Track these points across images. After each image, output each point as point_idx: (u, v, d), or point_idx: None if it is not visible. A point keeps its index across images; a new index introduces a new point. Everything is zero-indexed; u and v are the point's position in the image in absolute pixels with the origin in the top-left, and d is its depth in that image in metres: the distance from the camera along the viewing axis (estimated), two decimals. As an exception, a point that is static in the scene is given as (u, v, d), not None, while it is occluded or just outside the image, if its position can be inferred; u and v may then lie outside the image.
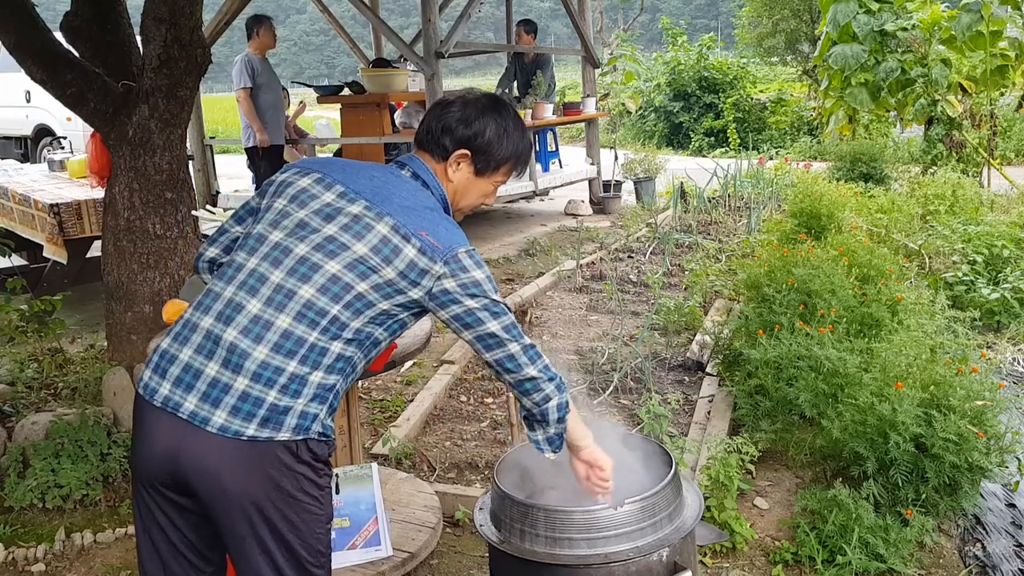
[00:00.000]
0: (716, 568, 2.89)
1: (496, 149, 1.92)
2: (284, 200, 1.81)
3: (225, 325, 1.69)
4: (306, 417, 1.67)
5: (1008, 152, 12.26)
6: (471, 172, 1.93)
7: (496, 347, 1.79)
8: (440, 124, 1.91)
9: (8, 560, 3.07)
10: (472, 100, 1.94)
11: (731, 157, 11.67)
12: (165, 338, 1.76)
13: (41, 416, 3.72)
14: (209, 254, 1.98)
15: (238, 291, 1.72)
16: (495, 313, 1.77)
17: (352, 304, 1.70)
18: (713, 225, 8.05)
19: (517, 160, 1.98)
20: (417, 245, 1.72)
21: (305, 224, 1.76)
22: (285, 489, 1.66)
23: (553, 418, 1.87)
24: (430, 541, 2.71)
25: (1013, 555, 2.90)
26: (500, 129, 1.92)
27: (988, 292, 5.07)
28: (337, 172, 1.84)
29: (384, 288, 1.72)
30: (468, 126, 1.90)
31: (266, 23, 7.42)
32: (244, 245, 1.80)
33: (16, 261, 6.26)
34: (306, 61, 64.88)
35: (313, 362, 1.68)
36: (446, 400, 4.32)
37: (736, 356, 4.02)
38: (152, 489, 1.73)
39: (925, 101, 9.60)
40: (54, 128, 11.65)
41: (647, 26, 34.19)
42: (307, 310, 1.68)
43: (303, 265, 1.71)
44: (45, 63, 3.90)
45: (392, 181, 1.85)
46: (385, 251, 1.71)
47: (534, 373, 1.81)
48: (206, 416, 1.64)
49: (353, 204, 1.77)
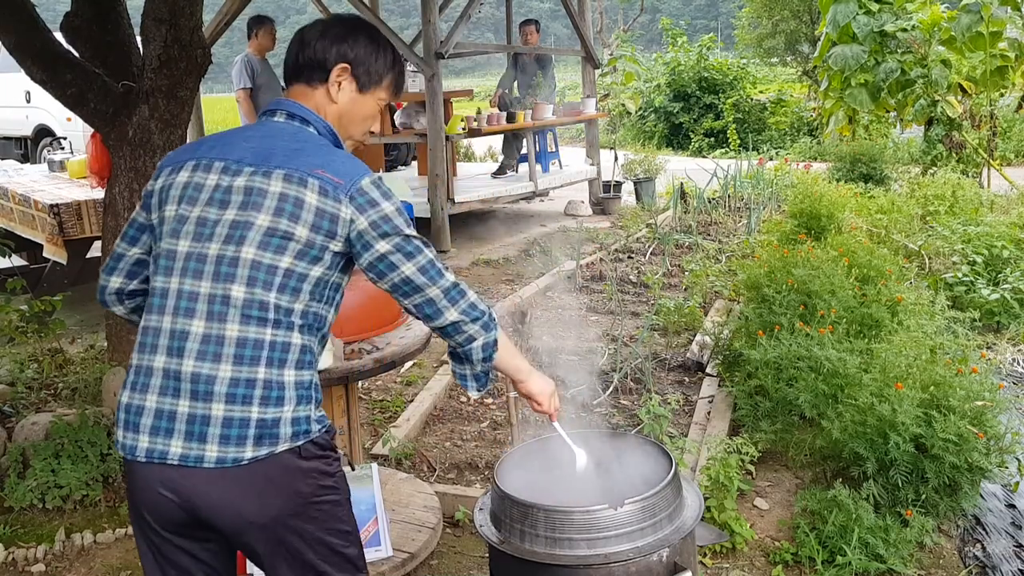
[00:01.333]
0: (716, 568, 2.89)
1: (375, 58, 1.81)
2: (173, 205, 1.67)
3: (179, 358, 1.58)
4: (298, 422, 1.60)
5: (1008, 153, 12.27)
6: (354, 89, 1.80)
7: (413, 292, 1.68)
8: (312, 48, 1.78)
9: (8, 560, 3.07)
10: (335, 20, 1.84)
11: (731, 158, 11.67)
12: (123, 392, 1.66)
13: (41, 416, 3.72)
14: (113, 285, 1.81)
15: (175, 318, 1.61)
16: (408, 253, 1.65)
17: (286, 285, 1.60)
18: (713, 226, 8.05)
19: (397, 70, 1.86)
20: (316, 187, 1.60)
21: (204, 220, 1.63)
22: (302, 492, 1.61)
23: (478, 358, 1.78)
24: (430, 541, 2.71)
25: (1013, 555, 2.90)
26: (370, 40, 1.82)
27: (988, 293, 5.07)
28: (210, 150, 1.71)
29: (305, 254, 1.61)
30: (341, 41, 1.79)
31: (266, 25, 7.42)
32: (158, 268, 1.66)
33: (16, 261, 6.25)
34: (306, 61, 64.86)
35: (280, 361, 1.59)
36: (446, 400, 4.32)
37: (736, 356, 4.02)
38: (172, 534, 1.66)
39: (925, 102, 9.61)
40: (54, 128, 11.65)
41: (647, 27, 34.18)
42: (249, 309, 1.58)
43: (222, 264, 1.60)
44: (45, 63, 3.90)
45: (268, 133, 1.72)
46: (288, 208, 1.60)
47: (455, 317, 1.70)
48: (198, 455, 1.56)
49: (239, 176, 1.64)
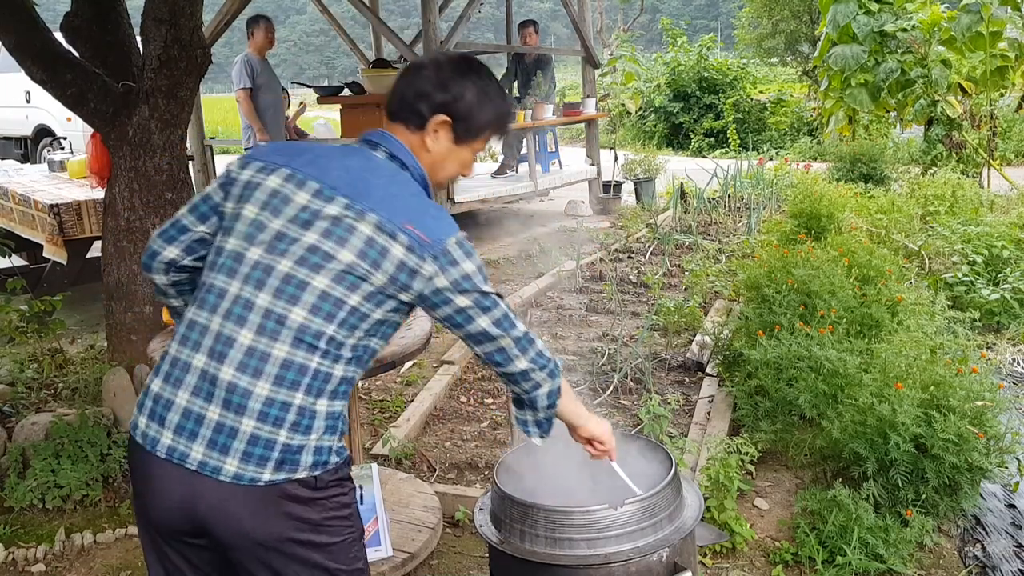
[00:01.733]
0: (716, 568, 2.89)
1: (477, 113, 1.76)
2: (255, 207, 1.64)
3: (219, 363, 1.56)
4: (320, 452, 1.58)
5: (1008, 153, 12.27)
6: (451, 140, 1.76)
7: (486, 342, 1.69)
8: (414, 90, 1.74)
9: (8, 560, 3.07)
10: (446, 62, 1.78)
11: (731, 158, 11.67)
12: (155, 379, 1.62)
13: (41, 416, 3.72)
14: (168, 254, 1.76)
15: (225, 322, 1.58)
16: (485, 308, 1.65)
17: (347, 321, 1.58)
18: (713, 226, 8.05)
19: (499, 124, 1.82)
20: (405, 242, 1.58)
21: (283, 235, 1.60)
22: (311, 520, 1.59)
23: (542, 404, 1.80)
24: (430, 541, 2.71)
25: (1013, 555, 2.90)
26: (480, 91, 1.76)
27: (988, 293, 5.07)
28: (307, 165, 1.66)
29: (376, 296, 1.59)
30: (446, 89, 1.73)
31: (262, 23, 7.41)
32: (221, 265, 1.63)
33: (16, 261, 6.26)
34: (306, 62, 64.89)
35: (318, 390, 1.57)
36: (446, 400, 4.32)
37: (736, 356, 4.02)
38: (173, 540, 1.65)
39: (925, 102, 9.61)
40: (54, 128, 11.66)
41: (647, 27, 34.16)
42: (303, 334, 1.56)
43: (289, 284, 1.57)
44: (45, 63, 3.90)
45: (368, 167, 1.68)
46: (372, 254, 1.57)
47: (524, 366, 1.72)
48: (216, 465, 1.54)
49: (331, 203, 1.60)
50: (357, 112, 8.31)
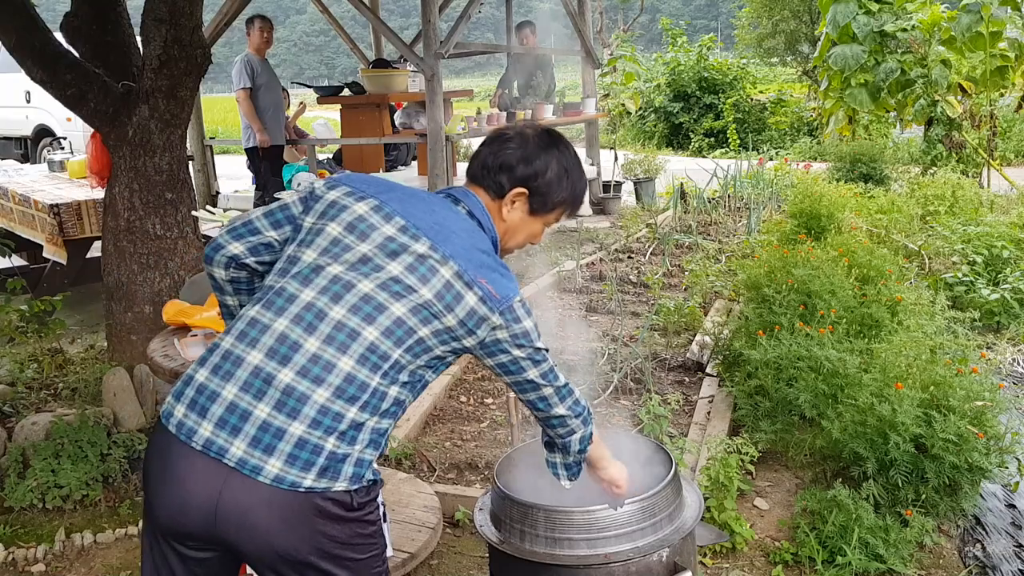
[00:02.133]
0: (716, 568, 2.89)
1: (555, 190, 1.85)
2: (339, 227, 1.69)
3: (280, 364, 1.57)
4: (361, 464, 1.59)
5: (1008, 153, 12.28)
6: (525, 212, 1.86)
7: (531, 390, 1.78)
8: (498, 161, 1.83)
9: (8, 560, 3.07)
10: (532, 136, 1.86)
11: (731, 158, 11.67)
12: (200, 369, 1.61)
13: (41, 416, 3.72)
14: (233, 250, 1.80)
15: (293, 326, 1.60)
16: (536, 361, 1.75)
17: (412, 348, 1.64)
18: (713, 226, 8.05)
19: (573, 203, 1.90)
20: (479, 294, 1.65)
21: (368, 259, 1.65)
22: (337, 538, 1.58)
23: (574, 449, 1.88)
24: (430, 541, 2.71)
25: (1013, 555, 2.90)
26: (561, 169, 1.85)
27: (988, 293, 5.07)
28: (394, 201, 1.72)
29: (443, 335, 1.66)
30: (528, 164, 1.82)
31: (257, 22, 7.40)
32: (296, 273, 1.66)
33: (16, 261, 6.26)
34: (306, 61, 64.91)
35: (373, 407, 1.60)
36: (446, 400, 4.32)
37: (736, 356, 4.02)
38: (177, 543, 1.62)
39: (925, 102, 9.61)
40: (54, 128, 11.66)
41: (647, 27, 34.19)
42: (371, 353, 1.59)
43: (368, 304, 1.62)
44: (45, 63, 3.90)
45: (451, 218, 1.75)
46: (448, 298, 1.64)
47: (562, 412, 1.81)
48: (257, 464, 1.52)
49: (417, 242, 1.66)
50: (357, 112, 8.32)
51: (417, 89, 7.79)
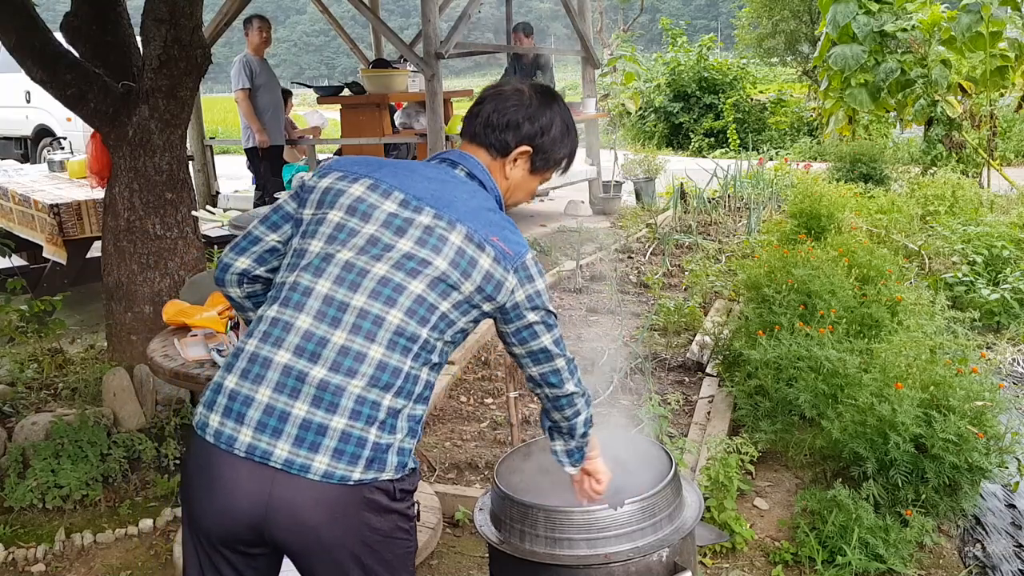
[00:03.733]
0: (716, 568, 2.89)
1: (558, 147, 1.84)
2: (340, 212, 1.65)
3: (309, 361, 1.54)
4: (403, 453, 1.58)
5: (1008, 153, 12.27)
6: (527, 170, 1.83)
7: (545, 361, 1.77)
8: (504, 118, 1.78)
9: (8, 560, 3.07)
10: (531, 93, 1.82)
11: (731, 158, 11.66)
12: (228, 376, 1.59)
13: (41, 416, 3.73)
14: (240, 265, 1.77)
15: (317, 321, 1.57)
16: (549, 326, 1.74)
17: (437, 325, 1.61)
18: (713, 226, 8.05)
19: (570, 158, 1.90)
20: (492, 254, 1.63)
21: (376, 240, 1.62)
22: (381, 530, 1.58)
23: (579, 432, 1.88)
24: (430, 541, 2.71)
25: (1013, 555, 2.90)
26: (563, 126, 1.83)
27: (988, 293, 5.07)
28: (389, 176, 1.69)
29: (463, 305, 1.63)
30: (533, 122, 1.79)
31: (255, 22, 7.40)
32: (306, 266, 1.63)
33: (16, 261, 6.26)
34: (306, 61, 64.91)
35: (407, 392, 1.58)
36: (446, 400, 4.32)
37: (736, 356, 4.02)
38: (226, 548, 1.61)
39: (925, 102, 9.61)
40: (54, 128, 11.66)
41: (647, 27, 34.17)
42: (399, 336, 1.57)
43: (386, 287, 1.58)
44: (45, 63, 3.90)
45: (449, 183, 1.72)
46: (463, 264, 1.61)
47: (572, 388, 1.81)
48: (305, 463, 1.50)
49: (420, 213, 1.64)
50: (357, 112, 8.32)
51: (417, 89, 7.79)
